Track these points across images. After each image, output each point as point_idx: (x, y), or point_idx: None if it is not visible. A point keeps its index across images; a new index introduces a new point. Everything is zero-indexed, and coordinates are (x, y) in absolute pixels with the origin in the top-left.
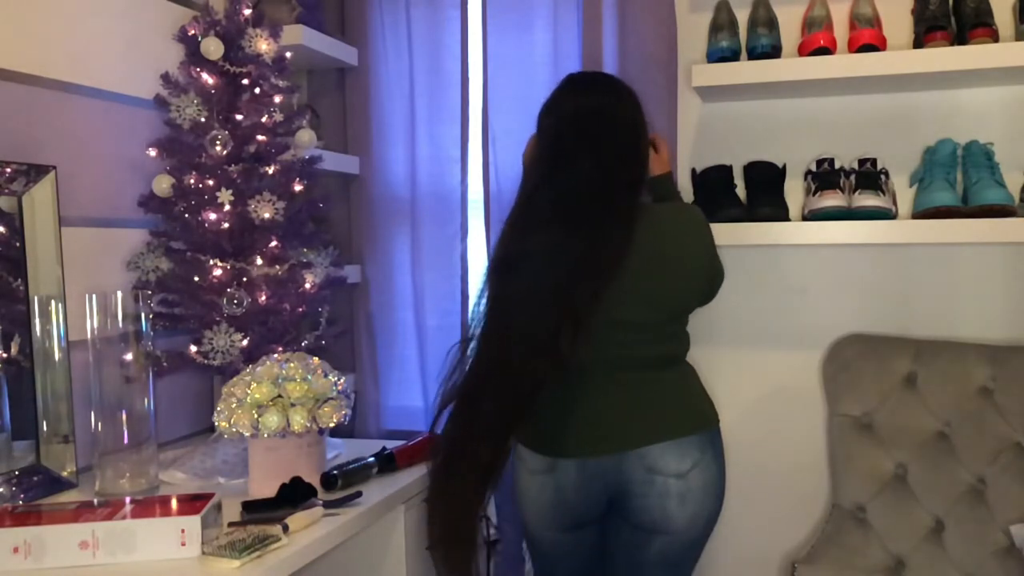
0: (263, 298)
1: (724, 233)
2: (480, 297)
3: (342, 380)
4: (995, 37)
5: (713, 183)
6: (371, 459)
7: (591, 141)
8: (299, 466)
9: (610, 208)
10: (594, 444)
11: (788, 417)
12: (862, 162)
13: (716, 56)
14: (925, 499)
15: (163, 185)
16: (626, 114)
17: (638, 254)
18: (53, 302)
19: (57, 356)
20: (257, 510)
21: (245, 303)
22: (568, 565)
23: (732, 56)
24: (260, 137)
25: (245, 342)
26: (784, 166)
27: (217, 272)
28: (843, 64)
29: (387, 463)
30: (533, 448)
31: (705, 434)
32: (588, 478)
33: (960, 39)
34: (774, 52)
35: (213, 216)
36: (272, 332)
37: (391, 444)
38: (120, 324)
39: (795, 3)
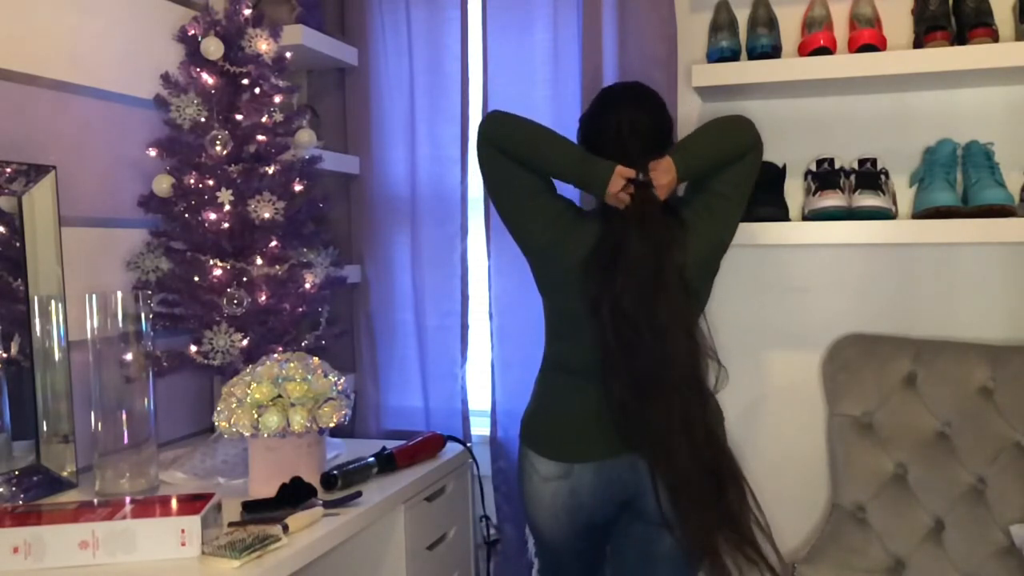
0: (263, 298)
1: None
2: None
3: (342, 380)
4: (995, 37)
5: None
6: (371, 459)
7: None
8: (299, 466)
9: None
10: (611, 446)
11: (788, 417)
12: (862, 162)
13: (716, 56)
14: (925, 499)
15: (163, 185)
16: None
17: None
18: (53, 302)
19: (57, 356)
20: (257, 510)
21: (245, 303)
22: (578, 566)
23: (732, 56)
24: (260, 137)
25: (245, 342)
26: (784, 166)
27: (217, 272)
28: (843, 64)
29: (387, 463)
30: (547, 456)
31: None
32: (605, 480)
33: (960, 39)
34: (774, 52)
35: (213, 216)
36: (272, 332)
37: (391, 444)
38: (120, 324)
39: (795, 3)
